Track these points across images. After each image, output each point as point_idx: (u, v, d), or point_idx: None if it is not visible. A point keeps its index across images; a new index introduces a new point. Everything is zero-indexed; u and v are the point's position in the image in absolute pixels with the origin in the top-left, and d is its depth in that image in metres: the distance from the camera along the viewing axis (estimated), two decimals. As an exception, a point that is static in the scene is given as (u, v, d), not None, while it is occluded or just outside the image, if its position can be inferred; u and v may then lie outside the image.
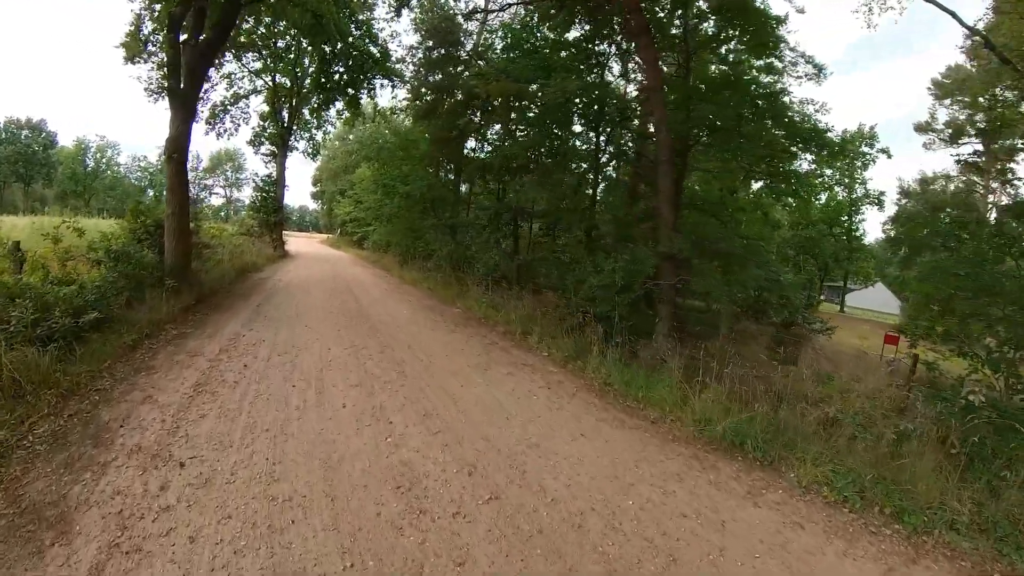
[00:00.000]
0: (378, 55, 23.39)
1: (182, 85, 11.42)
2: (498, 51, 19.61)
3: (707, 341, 9.89)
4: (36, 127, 76.75)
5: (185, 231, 11.64)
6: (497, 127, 20.44)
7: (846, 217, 42.18)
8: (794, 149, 12.62)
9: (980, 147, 34.96)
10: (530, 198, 13.54)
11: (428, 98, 22.47)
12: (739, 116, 11.96)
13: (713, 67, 14.49)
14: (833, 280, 48.62)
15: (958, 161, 36.64)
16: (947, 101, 36.57)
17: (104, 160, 78.60)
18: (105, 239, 10.30)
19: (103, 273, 9.01)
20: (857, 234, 43.17)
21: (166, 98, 11.92)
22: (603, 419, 6.42)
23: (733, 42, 13.17)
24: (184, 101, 11.59)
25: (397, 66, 23.61)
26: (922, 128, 38.69)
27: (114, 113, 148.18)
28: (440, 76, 21.29)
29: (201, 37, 11.73)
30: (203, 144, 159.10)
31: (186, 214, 11.66)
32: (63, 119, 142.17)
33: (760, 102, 12.16)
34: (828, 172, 37.91)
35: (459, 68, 20.89)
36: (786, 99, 12.74)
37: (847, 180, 41.63)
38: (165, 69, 12.98)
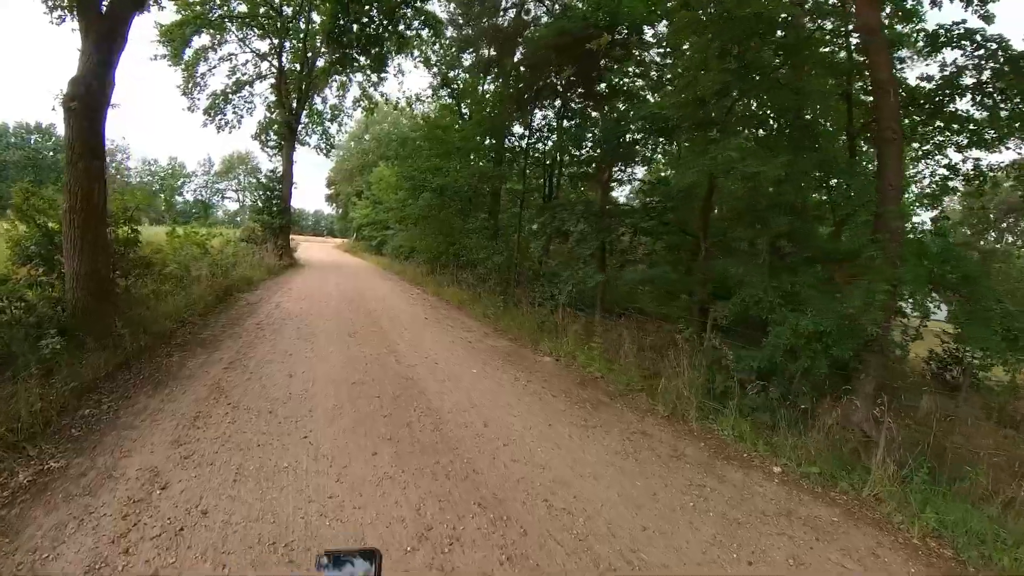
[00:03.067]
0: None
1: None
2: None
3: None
4: (46, 131, 73.32)
5: (98, 242, 6.60)
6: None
7: None
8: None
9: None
10: (754, 173, 7.58)
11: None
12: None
13: None
14: None
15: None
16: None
17: (112, 164, 74.27)
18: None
19: None
20: None
21: (74, 16, 6.98)
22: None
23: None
24: (104, 16, 6.63)
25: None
26: None
27: (123, 116, 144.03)
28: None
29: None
30: (211, 142, 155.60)
31: (99, 212, 6.62)
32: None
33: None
34: None
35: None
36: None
37: None
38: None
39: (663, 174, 16.24)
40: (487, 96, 17.77)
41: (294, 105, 23.44)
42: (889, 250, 6.05)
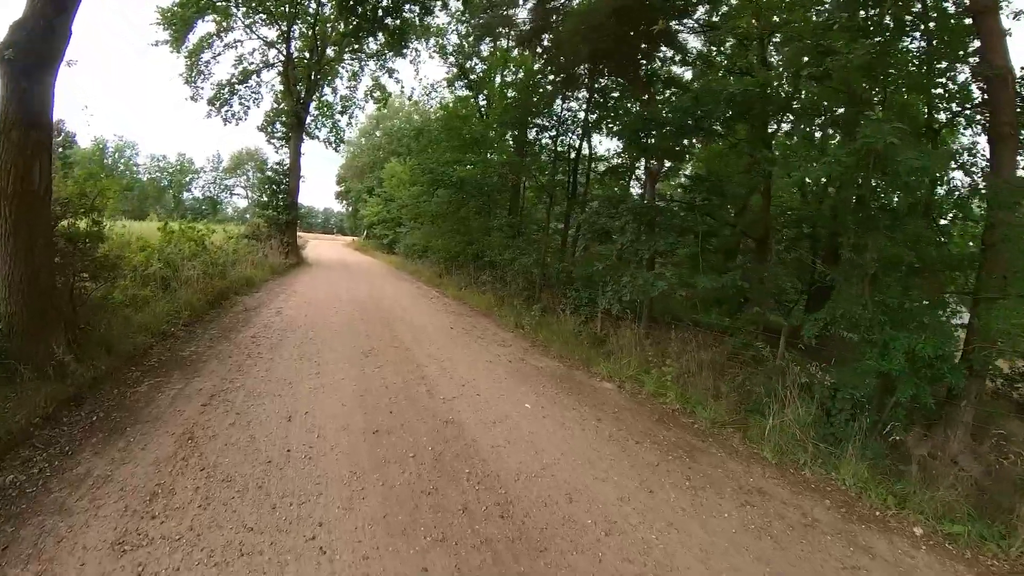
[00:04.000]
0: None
1: None
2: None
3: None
4: (55, 128, 71.94)
5: (37, 238, 4.97)
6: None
7: None
8: None
9: None
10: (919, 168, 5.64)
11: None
12: None
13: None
14: None
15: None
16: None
17: (122, 160, 73.00)
18: None
19: None
20: None
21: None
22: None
23: None
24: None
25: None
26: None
27: (132, 112, 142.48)
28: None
29: None
30: (220, 138, 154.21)
31: (39, 199, 5.01)
32: (83, 119, 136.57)
33: None
34: None
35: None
36: None
37: None
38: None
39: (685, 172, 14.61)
40: (512, 82, 16.04)
41: (302, 94, 21.82)
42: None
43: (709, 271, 10.13)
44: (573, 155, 16.33)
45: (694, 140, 10.86)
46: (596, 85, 14.55)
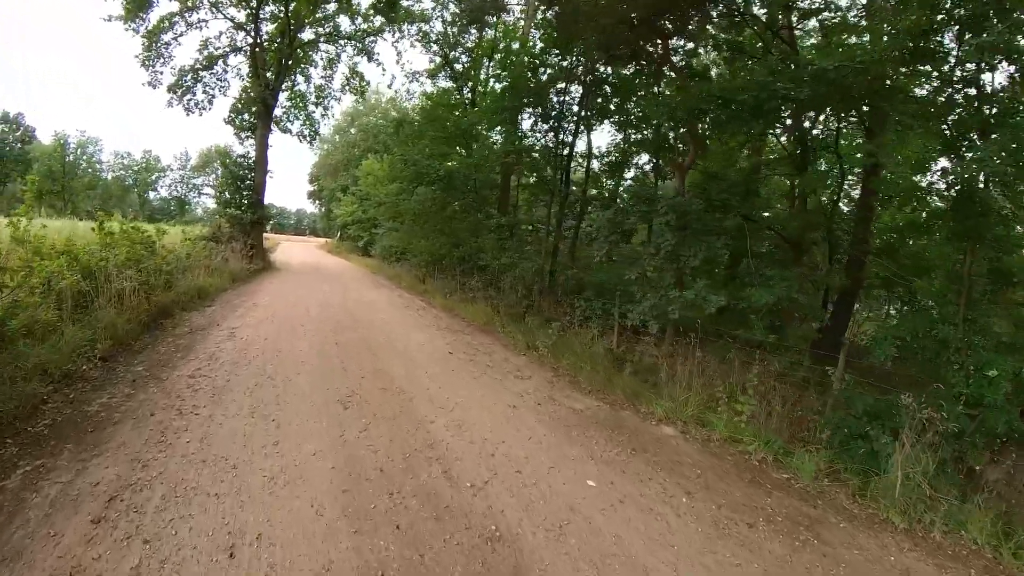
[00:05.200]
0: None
1: None
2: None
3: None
4: (13, 121, 68.20)
5: None
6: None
7: None
8: None
9: None
10: None
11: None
12: None
13: None
14: None
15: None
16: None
17: (84, 157, 68.96)
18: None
19: None
20: None
21: None
22: None
23: None
24: None
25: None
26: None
27: (96, 107, 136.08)
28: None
29: None
30: (187, 134, 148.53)
31: None
32: (43, 114, 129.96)
33: None
34: None
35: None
36: None
37: None
38: None
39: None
40: (508, 62, 14.09)
41: (272, 80, 19.54)
42: None
43: (756, 281, 8.47)
44: (566, 151, 14.48)
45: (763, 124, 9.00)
46: (603, 70, 12.80)
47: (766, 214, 11.25)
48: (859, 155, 10.36)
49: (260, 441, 4.24)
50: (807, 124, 9.89)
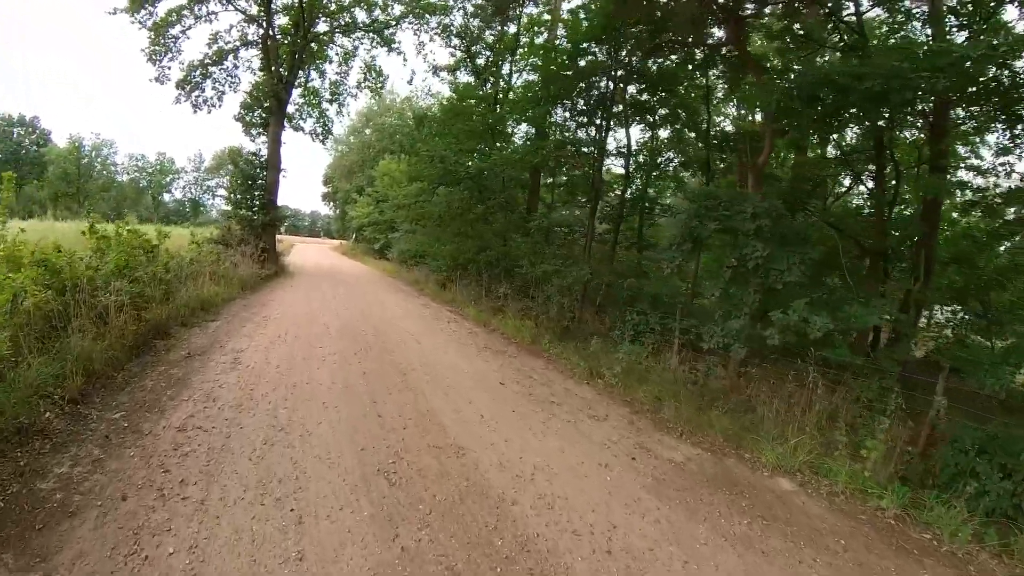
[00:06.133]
0: None
1: None
2: None
3: None
4: (29, 124, 68.24)
5: None
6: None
7: None
8: None
9: None
10: None
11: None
12: None
13: None
14: None
15: None
16: None
17: (98, 159, 68.47)
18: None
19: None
20: None
21: None
22: None
23: None
24: None
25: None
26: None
27: (111, 111, 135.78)
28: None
29: None
30: (189, 134, 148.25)
31: None
32: (58, 117, 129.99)
33: None
34: None
35: None
36: None
37: None
38: None
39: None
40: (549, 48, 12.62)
41: (284, 74, 18.21)
42: None
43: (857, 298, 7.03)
44: (597, 151, 12.98)
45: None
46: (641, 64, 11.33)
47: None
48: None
49: (275, 552, 2.83)
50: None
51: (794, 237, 7.04)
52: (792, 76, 7.92)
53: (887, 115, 7.30)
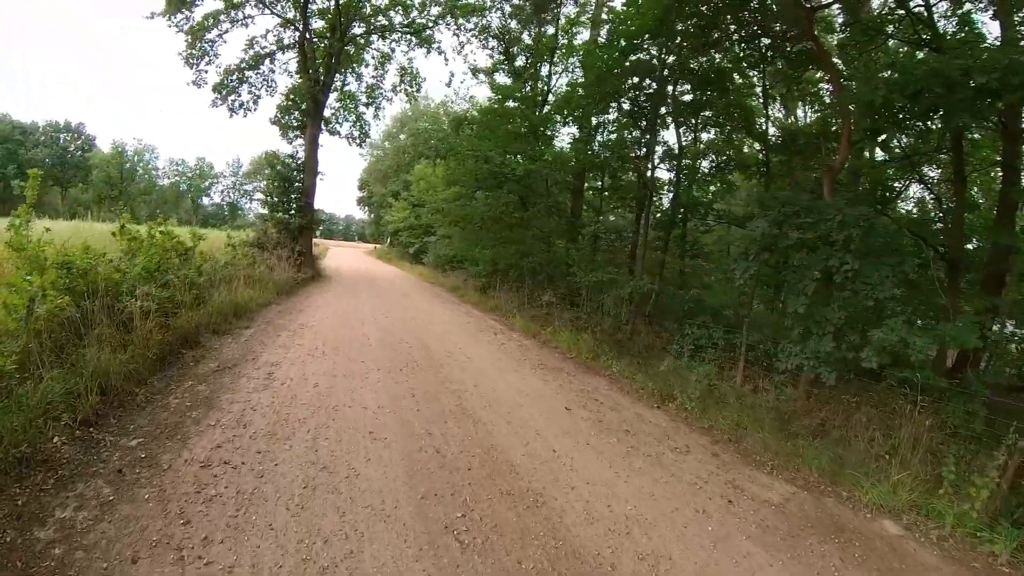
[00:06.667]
0: None
1: None
2: None
3: None
4: (75, 130, 70.48)
5: None
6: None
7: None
8: None
9: None
10: None
11: None
12: None
13: None
14: None
15: None
16: None
17: (140, 163, 70.18)
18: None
19: None
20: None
21: None
22: None
23: None
24: None
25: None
26: None
27: (152, 117, 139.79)
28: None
29: None
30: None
31: None
32: (103, 123, 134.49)
33: None
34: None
35: None
36: None
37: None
38: None
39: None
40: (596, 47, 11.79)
41: (321, 76, 17.81)
42: None
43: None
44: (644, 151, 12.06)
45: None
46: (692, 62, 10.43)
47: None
48: None
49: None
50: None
51: (883, 247, 6.10)
52: (897, 69, 6.96)
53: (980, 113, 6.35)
